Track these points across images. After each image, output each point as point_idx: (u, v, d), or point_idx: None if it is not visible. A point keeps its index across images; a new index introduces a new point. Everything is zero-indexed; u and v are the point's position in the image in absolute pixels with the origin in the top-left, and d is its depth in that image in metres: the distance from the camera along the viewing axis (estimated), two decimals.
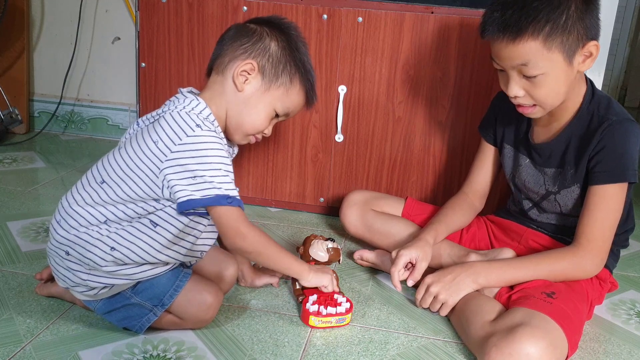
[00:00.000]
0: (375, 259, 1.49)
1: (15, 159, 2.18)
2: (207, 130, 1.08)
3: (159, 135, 1.08)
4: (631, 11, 4.01)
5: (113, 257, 1.10)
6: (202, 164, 1.06)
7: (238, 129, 1.18)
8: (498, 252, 1.34)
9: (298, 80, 1.18)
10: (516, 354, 1.03)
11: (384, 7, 1.66)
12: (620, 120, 1.21)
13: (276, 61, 1.16)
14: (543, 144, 1.31)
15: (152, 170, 1.08)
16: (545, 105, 1.21)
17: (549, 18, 1.11)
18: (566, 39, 1.13)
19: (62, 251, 1.13)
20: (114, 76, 2.45)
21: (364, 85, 1.72)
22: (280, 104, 1.18)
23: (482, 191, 1.48)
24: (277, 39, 1.16)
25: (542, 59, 1.13)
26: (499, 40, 1.15)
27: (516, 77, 1.18)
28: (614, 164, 1.20)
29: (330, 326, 1.23)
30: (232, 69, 1.15)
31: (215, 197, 1.06)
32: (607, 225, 1.22)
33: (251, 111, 1.17)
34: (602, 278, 1.33)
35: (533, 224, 1.40)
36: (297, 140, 1.80)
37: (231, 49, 1.16)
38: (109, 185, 1.10)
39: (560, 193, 1.31)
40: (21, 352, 1.10)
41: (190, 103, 1.12)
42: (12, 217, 1.68)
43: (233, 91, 1.16)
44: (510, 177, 1.42)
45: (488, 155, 1.46)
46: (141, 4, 1.78)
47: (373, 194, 1.60)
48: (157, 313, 1.15)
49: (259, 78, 1.16)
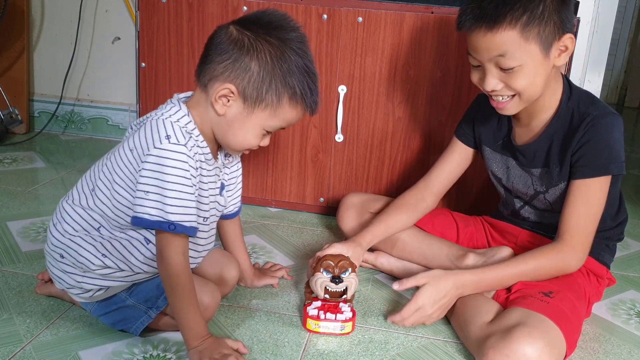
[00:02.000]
0: (374, 260, 1.49)
1: (15, 159, 2.18)
2: (175, 144, 1.02)
3: (135, 143, 1.05)
4: (631, 11, 4.01)
5: (104, 263, 1.10)
6: (158, 181, 1.01)
7: (226, 147, 1.13)
8: (496, 251, 1.34)
9: (287, 97, 1.05)
10: (513, 355, 1.03)
11: (384, 7, 1.66)
12: (603, 114, 1.21)
13: (258, 82, 1.03)
14: (526, 145, 1.30)
15: (131, 180, 1.06)
16: (523, 94, 1.19)
17: (526, 7, 1.12)
18: (543, 30, 1.13)
19: (57, 254, 1.13)
20: (114, 76, 2.45)
21: (364, 85, 1.72)
22: (269, 124, 1.08)
23: (438, 189, 1.45)
24: (261, 53, 1.03)
25: (519, 50, 1.13)
26: (476, 30, 1.15)
27: (493, 69, 1.18)
28: (597, 157, 1.20)
29: (328, 332, 1.21)
30: (212, 90, 1.05)
31: (159, 222, 1.01)
32: (590, 219, 1.22)
33: (236, 132, 1.08)
34: (599, 274, 1.33)
35: (526, 224, 1.40)
36: (297, 140, 1.80)
37: (212, 65, 1.05)
38: (97, 195, 1.10)
39: (549, 192, 1.30)
40: (21, 352, 1.10)
41: (171, 109, 1.07)
42: (12, 217, 1.68)
43: (213, 114, 1.07)
44: (498, 180, 1.41)
45: (457, 155, 1.44)
46: (141, 4, 1.78)
47: (370, 197, 1.59)
48: (151, 315, 1.14)
49: (239, 101, 1.05)
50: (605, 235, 1.34)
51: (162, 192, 1.01)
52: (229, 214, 1.30)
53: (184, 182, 1.02)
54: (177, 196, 1.02)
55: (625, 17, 3.99)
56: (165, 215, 1.01)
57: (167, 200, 1.01)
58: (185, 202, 1.03)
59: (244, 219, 1.78)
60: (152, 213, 1.01)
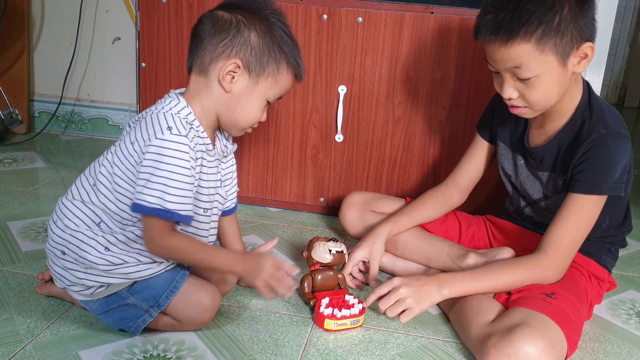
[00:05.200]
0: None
1: (16, 159, 2.18)
2: (176, 135, 1.05)
3: (136, 136, 1.08)
4: (631, 11, 4.01)
5: (107, 257, 1.10)
6: (157, 170, 1.04)
7: (233, 126, 1.17)
8: (497, 251, 1.34)
9: (285, 64, 1.13)
10: (515, 354, 1.04)
11: (383, 7, 1.66)
12: (611, 134, 1.18)
13: (259, 52, 1.10)
14: (536, 148, 1.30)
15: (132, 172, 1.08)
16: (535, 108, 1.20)
17: (542, 20, 1.10)
18: (559, 41, 1.11)
19: (59, 250, 1.13)
20: (114, 76, 2.45)
21: (364, 85, 1.72)
22: (271, 93, 1.14)
23: (464, 185, 1.46)
24: (255, 27, 1.10)
25: (535, 62, 1.12)
26: (492, 42, 1.15)
27: (510, 79, 1.17)
28: (594, 175, 1.18)
29: (345, 328, 1.23)
30: (216, 70, 1.10)
31: (156, 209, 1.04)
32: (577, 235, 1.21)
33: (243, 107, 1.13)
34: (600, 278, 1.33)
35: (530, 224, 1.40)
36: (297, 140, 1.80)
37: (210, 47, 1.10)
38: (99, 189, 1.12)
39: (552, 198, 1.30)
40: (21, 352, 1.10)
41: (170, 103, 1.11)
42: (12, 217, 1.68)
43: (221, 93, 1.12)
44: (508, 177, 1.42)
45: (480, 151, 1.45)
46: (141, 4, 1.78)
47: (372, 195, 1.60)
48: (152, 314, 1.14)
49: (245, 75, 1.11)
50: (608, 240, 1.34)
51: (163, 180, 1.04)
52: (227, 210, 1.31)
53: (184, 172, 1.05)
54: (177, 185, 1.05)
55: (625, 17, 3.99)
56: (163, 203, 1.04)
57: (167, 189, 1.04)
58: (184, 191, 1.06)
59: (244, 218, 1.78)
60: (151, 201, 1.04)
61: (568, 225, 1.20)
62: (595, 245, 1.33)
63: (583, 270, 1.30)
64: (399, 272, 1.47)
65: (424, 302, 1.18)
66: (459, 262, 1.36)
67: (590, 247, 1.32)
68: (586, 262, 1.32)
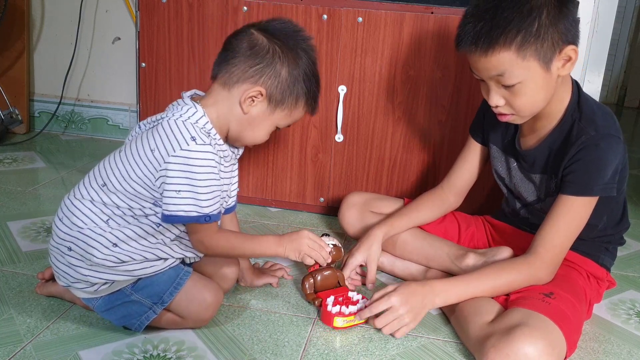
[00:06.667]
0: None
1: (16, 159, 2.18)
2: (202, 145, 1.08)
3: (156, 143, 1.10)
4: (631, 11, 4.01)
5: (115, 253, 1.11)
6: (189, 180, 1.07)
7: (237, 140, 1.20)
8: (496, 251, 1.34)
9: (303, 101, 1.18)
10: (514, 355, 1.04)
11: (383, 7, 1.66)
12: (601, 136, 1.18)
13: (285, 87, 1.14)
14: (528, 150, 1.30)
15: (149, 178, 1.10)
16: (522, 114, 1.20)
17: (520, 27, 1.09)
18: (540, 46, 1.11)
19: (65, 247, 1.14)
20: (114, 76, 2.45)
21: (364, 85, 1.72)
22: (283, 122, 1.19)
23: (460, 187, 1.46)
24: (288, 62, 1.14)
25: (517, 68, 1.12)
26: (473, 52, 1.15)
27: (495, 87, 1.17)
28: (585, 177, 1.18)
29: (353, 324, 1.25)
30: (240, 90, 1.13)
31: (196, 216, 1.09)
32: (568, 236, 1.21)
33: (254, 130, 1.17)
34: (599, 277, 1.33)
35: (526, 225, 1.40)
36: (297, 140, 1.80)
37: (241, 66, 1.13)
38: (109, 189, 1.12)
39: (546, 201, 1.30)
40: (21, 352, 1.10)
41: (188, 111, 1.12)
42: (12, 217, 1.68)
43: (238, 111, 1.15)
44: (501, 180, 1.41)
45: (473, 154, 1.45)
46: (141, 4, 1.78)
47: (371, 196, 1.60)
48: (156, 311, 1.15)
49: (265, 102, 1.15)
50: (605, 239, 1.34)
51: (195, 189, 1.08)
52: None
53: (213, 177, 1.10)
54: (208, 191, 1.09)
55: (625, 17, 4.00)
56: (200, 209, 1.09)
57: (200, 197, 1.08)
58: (214, 194, 1.11)
59: (244, 218, 1.78)
60: (187, 209, 1.08)
61: (559, 226, 1.20)
62: (593, 245, 1.33)
63: (581, 270, 1.30)
64: (398, 272, 1.47)
65: (419, 317, 1.20)
66: (458, 262, 1.36)
67: (588, 247, 1.32)
68: (584, 262, 1.32)
